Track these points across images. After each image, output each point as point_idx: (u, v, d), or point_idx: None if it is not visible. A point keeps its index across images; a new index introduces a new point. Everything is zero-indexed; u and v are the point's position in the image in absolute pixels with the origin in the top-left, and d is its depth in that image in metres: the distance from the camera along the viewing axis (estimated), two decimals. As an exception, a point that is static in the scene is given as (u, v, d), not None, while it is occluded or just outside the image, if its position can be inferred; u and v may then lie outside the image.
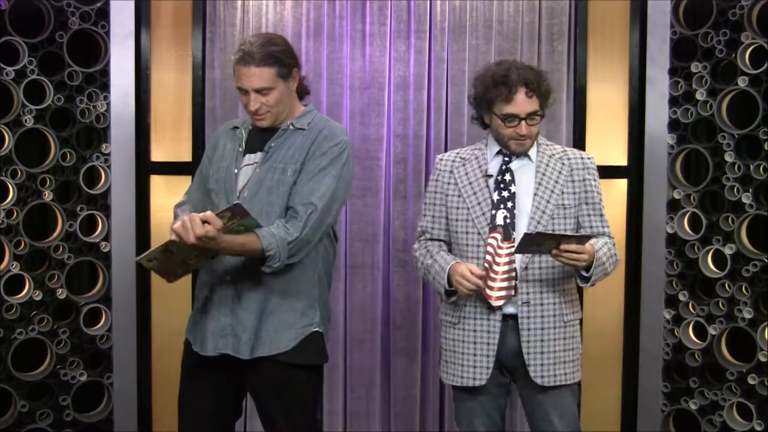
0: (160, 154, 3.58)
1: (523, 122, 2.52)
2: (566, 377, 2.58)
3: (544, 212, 2.55)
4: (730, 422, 3.24)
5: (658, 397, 3.41)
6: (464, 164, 2.65)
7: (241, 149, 2.53)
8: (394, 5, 3.61)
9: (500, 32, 3.59)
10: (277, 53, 2.41)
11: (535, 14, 3.59)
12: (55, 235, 3.37)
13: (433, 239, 2.67)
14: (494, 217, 2.54)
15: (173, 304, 3.53)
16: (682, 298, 3.36)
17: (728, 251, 3.22)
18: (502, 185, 2.57)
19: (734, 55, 3.19)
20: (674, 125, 3.37)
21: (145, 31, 3.49)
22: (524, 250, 2.45)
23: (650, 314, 3.43)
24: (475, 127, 3.54)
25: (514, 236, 2.51)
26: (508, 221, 2.53)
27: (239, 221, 2.27)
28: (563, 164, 2.61)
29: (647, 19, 3.41)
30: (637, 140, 3.48)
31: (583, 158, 2.65)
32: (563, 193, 2.58)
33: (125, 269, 3.45)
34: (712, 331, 3.28)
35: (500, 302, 2.53)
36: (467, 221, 2.58)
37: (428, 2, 3.60)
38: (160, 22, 3.56)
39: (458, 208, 2.61)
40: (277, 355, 2.43)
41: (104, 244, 3.43)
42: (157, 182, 3.57)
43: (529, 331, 2.53)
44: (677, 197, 3.36)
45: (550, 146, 2.67)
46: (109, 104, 3.41)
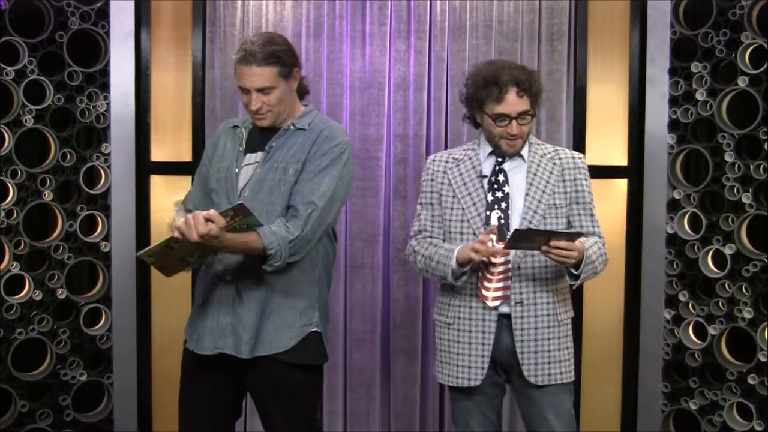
0: (160, 154, 3.58)
1: (514, 122, 2.52)
2: (561, 376, 2.58)
3: (535, 212, 2.55)
4: (730, 422, 3.24)
5: (658, 397, 3.41)
6: (458, 165, 2.65)
7: (241, 149, 2.53)
8: (394, 5, 3.61)
9: (500, 32, 3.59)
10: (278, 52, 2.42)
11: (535, 14, 3.59)
12: (55, 235, 3.37)
13: (432, 237, 2.66)
14: (489, 217, 2.55)
15: (173, 304, 3.53)
16: (682, 298, 3.36)
17: (728, 251, 3.22)
18: (495, 186, 2.58)
19: (734, 55, 3.19)
20: (674, 125, 3.37)
21: (145, 31, 3.49)
22: (515, 246, 2.45)
23: (650, 314, 3.43)
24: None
25: (508, 236, 2.51)
26: (502, 222, 2.54)
27: (241, 220, 2.27)
28: (554, 164, 2.62)
29: (647, 19, 3.41)
30: (637, 140, 3.48)
31: (574, 158, 2.66)
32: (554, 192, 2.59)
33: (125, 269, 3.45)
34: (712, 331, 3.28)
35: (496, 302, 2.54)
36: (462, 221, 2.59)
37: (428, 2, 3.60)
38: (160, 22, 3.57)
39: (453, 208, 2.62)
40: (276, 354, 2.43)
41: (104, 244, 3.43)
42: (157, 182, 3.57)
43: (522, 330, 2.54)
44: (677, 197, 3.36)
45: (541, 146, 2.67)
46: (109, 104, 3.41)
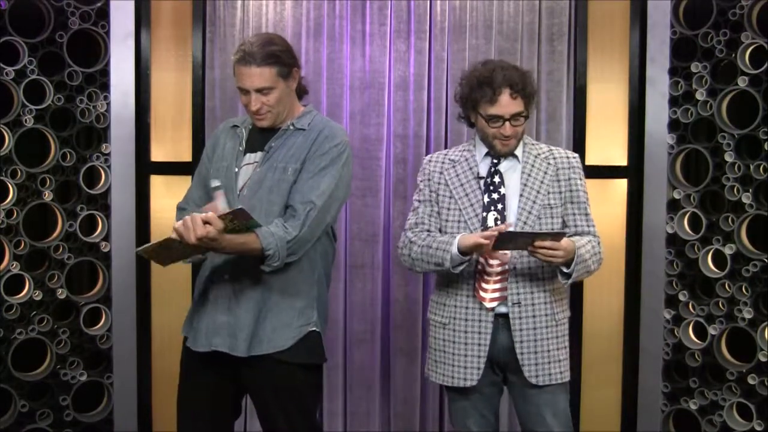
0: (160, 154, 3.58)
1: (507, 123, 2.52)
2: (561, 375, 2.59)
3: (530, 212, 2.55)
4: (730, 422, 3.24)
5: (658, 397, 3.41)
6: (454, 166, 2.65)
7: (241, 148, 2.53)
8: (394, 5, 3.61)
9: (500, 32, 3.59)
10: (277, 53, 2.42)
11: (535, 14, 3.59)
12: (55, 235, 3.37)
13: (429, 231, 2.63)
14: (485, 219, 2.55)
15: (173, 304, 3.53)
16: (682, 298, 3.36)
17: (728, 251, 3.22)
18: (491, 187, 2.57)
19: (734, 55, 3.19)
20: (674, 125, 3.37)
21: (145, 31, 3.49)
22: (501, 247, 2.44)
23: (650, 314, 3.43)
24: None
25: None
26: (498, 223, 2.53)
27: (241, 223, 2.27)
28: (549, 164, 2.62)
29: (647, 19, 3.41)
30: (637, 140, 3.48)
31: (568, 157, 2.66)
32: (549, 193, 2.59)
33: (125, 269, 3.45)
34: (712, 331, 3.28)
35: (494, 304, 2.54)
36: (459, 222, 2.59)
37: (428, 2, 3.60)
38: (160, 22, 3.57)
39: (449, 209, 2.61)
40: (275, 353, 2.43)
41: (104, 244, 3.43)
42: (157, 182, 3.57)
43: (521, 331, 2.53)
44: (677, 197, 3.36)
45: (536, 146, 2.67)
46: (109, 104, 3.41)
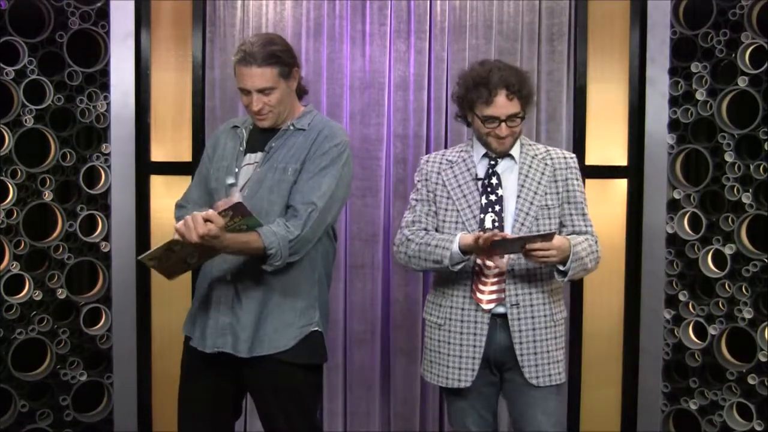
0: (160, 154, 3.58)
1: (503, 124, 2.52)
2: (559, 377, 2.59)
3: (527, 213, 2.55)
4: (730, 422, 3.24)
5: (658, 397, 3.41)
6: (452, 167, 2.64)
7: (241, 149, 2.53)
8: (394, 5, 3.61)
9: (500, 32, 3.59)
10: (278, 53, 2.42)
11: (535, 14, 3.59)
12: (55, 235, 3.37)
13: (426, 230, 2.62)
14: (483, 220, 2.54)
15: (173, 304, 3.53)
16: (682, 298, 3.36)
17: (728, 251, 3.22)
18: (489, 189, 2.57)
19: (734, 55, 3.19)
20: (674, 125, 3.37)
21: (145, 31, 3.49)
22: (494, 252, 2.44)
23: (650, 314, 3.43)
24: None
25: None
26: (496, 225, 2.53)
27: (241, 220, 2.27)
28: (546, 165, 2.61)
29: (647, 19, 3.40)
30: (637, 140, 3.48)
31: (565, 158, 2.65)
32: (546, 193, 2.58)
33: (125, 269, 3.45)
34: (712, 331, 3.28)
35: (491, 305, 2.53)
36: (456, 223, 2.58)
37: (428, 2, 3.60)
38: (160, 22, 3.57)
39: (447, 210, 2.61)
40: (276, 353, 2.43)
41: (104, 244, 3.43)
42: (157, 182, 3.57)
43: (521, 332, 2.53)
44: (677, 197, 3.36)
45: (533, 146, 2.66)
46: (109, 104, 3.41)
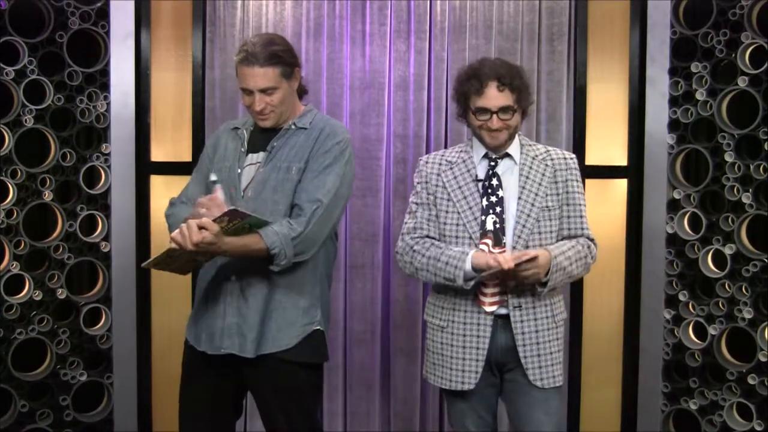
0: (160, 154, 3.58)
1: (494, 116, 2.51)
2: (561, 379, 2.58)
3: (528, 215, 2.53)
4: (730, 422, 3.24)
5: (658, 397, 3.41)
6: (451, 168, 2.62)
7: (243, 149, 2.53)
8: (394, 5, 3.61)
9: (500, 32, 3.59)
10: (280, 53, 2.42)
11: (535, 14, 3.59)
12: (55, 235, 3.37)
13: (429, 237, 2.61)
14: (484, 222, 2.53)
15: (173, 304, 3.53)
16: (682, 298, 3.36)
17: (728, 251, 3.22)
18: (489, 190, 2.55)
19: (734, 55, 3.19)
20: (674, 125, 3.37)
21: (145, 31, 3.49)
22: (492, 278, 2.46)
23: (650, 314, 3.43)
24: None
25: (504, 241, 2.51)
26: (497, 226, 2.52)
27: (241, 222, 2.27)
28: (546, 165, 2.60)
29: (647, 19, 3.41)
30: (637, 140, 3.48)
31: (566, 158, 2.64)
32: (547, 195, 2.57)
33: (125, 269, 3.45)
34: (712, 331, 3.28)
35: (493, 308, 2.52)
36: (458, 225, 2.57)
37: (428, 2, 3.60)
38: (160, 22, 3.57)
39: (447, 211, 2.59)
40: (279, 352, 2.44)
41: (104, 244, 3.43)
42: (157, 182, 3.57)
43: (524, 334, 2.52)
44: (677, 197, 3.36)
45: (533, 147, 2.65)
46: (109, 104, 3.41)
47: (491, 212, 2.53)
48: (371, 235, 3.64)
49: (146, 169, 3.54)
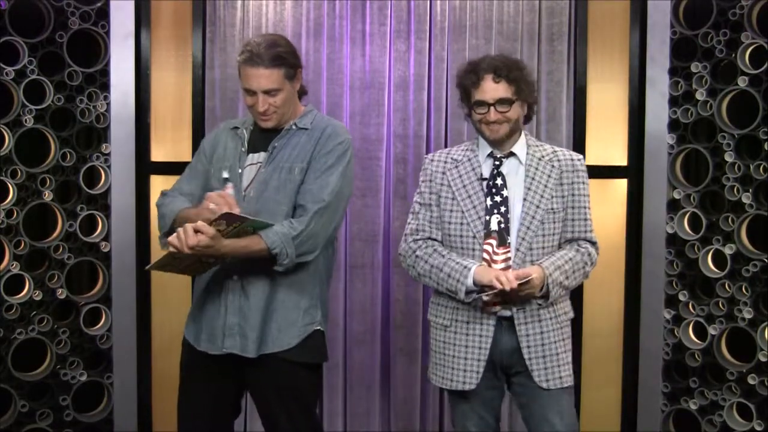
0: (160, 154, 3.58)
1: (491, 108, 2.50)
2: (570, 379, 2.56)
3: (533, 217, 2.52)
4: (730, 422, 3.24)
5: (658, 397, 3.42)
6: (457, 166, 2.61)
7: (243, 149, 2.53)
8: (394, 5, 3.61)
9: (500, 32, 3.59)
10: (284, 54, 2.43)
11: (535, 14, 3.59)
12: (55, 235, 3.37)
13: (431, 239, 2.61)
14: (488, 222, 2.52)
15: (173, 304, 3.53)
16: (682, 298, 3.36)
17: (728, 251, 3.23)
18: (494, 190, 2.54)
19: (734, 55, 3.19)
20: (674, 125, 3.37)
21: (145, 31, 3.49)
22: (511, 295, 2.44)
23: (650, 314, 3.43)
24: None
25: (509, 241, 2.50)
26: (502, 226, 2.50)
27: (242, 225, 2.27)
28: (553, 167, 2.57)
29: (647, 19, 3.41)
30: (637, 140, 3.48)
31: (573, 160, 2.61)
32: (552, 197, 2.55)
33: (125, 269, 3.45)
34: (712, 331, 3.28)
35: (497, 308, 2.50)
36: (461, 224, 2.55)
37: (428, 2, 3.60)
38: (160, 22, 3.56)
39: (452, 210, 2.57)
40: (279, 352, 2.44)
41: (104, 244, 3.43)
42: (157, 182, 3.57)
43: (528, 336, 2.50)
44: (677, 197, 3.37)
45: (540, 147, 2.62)
46: (109, 104, 3.41)
47: (495, 212, 2.52)
48: (371, 235, 3.64)
49: (146, 169, 3.54)
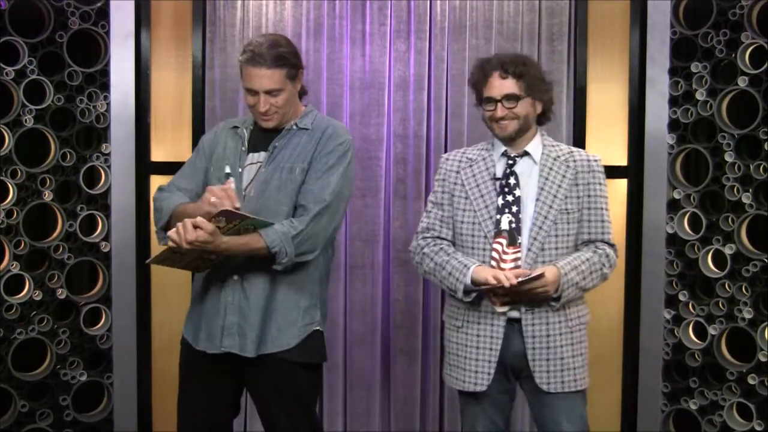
0: (160, 154, 3.58)
1: (499, 105, 2.50)
2: (575, 383, 2.52)
3: (546, 218, 2.50)
4: (730, 422, 3.24)
5: (658, 397, 3.41)
6: (471, 165, 2.61)
7: (243, 149, 2.53)
8: (394, 5, 3.61)
9: (500, 32, 3.59)
10: (286, 54, 2.44)
11: (535, 14, 3.59)
12: (55, 235, 3.37)
13: (440, 238, 2.61)
14: (499, 221, 2.50)
15: (173, 303, 3.53)
16: (682, 298, 3.36)
17: (728, 251, 3.23)
18: (506, 189, 2.53)
19: (734, 55, 3.19)
20: (674, 125, 3.37)
21: (145, 31, 3.49)
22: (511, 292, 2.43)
23: (650, 314, 3.43)
24: (474, 126, 3.57)
25: (519, 241, 2.49)
26: (513, 226, 2.49)
27: (242, 224, 2.27)
28: (568, 167, 2.55)
29: (647, 19, 3.41)
30: (637, 140, 3.48)
31: (589, 160, 2.58)
32: (566, 197, 2.52)
33: (125, 269, 3.45)
34: (712, 331, 3.28)
35: (505, 308, 2.49)
36: (473, 224, 2.54)
37: (428, 2, 3.60)
38: (160, 22, 3.57)
39: (464, 210, 2.57)
40: (279, 352, 2.44)
41: (104, 244, 3.43)
42: (157, 182, 3.55)
43: (534, 338, 2.49)
44: (677, 197, 3.36)
45: (555, 147, 2.60)
46: (109, 104, 3.41)
47: (507, 211, 2.50)
48: (371, 235, 3.64)
49: (146, 169, 3.54)
